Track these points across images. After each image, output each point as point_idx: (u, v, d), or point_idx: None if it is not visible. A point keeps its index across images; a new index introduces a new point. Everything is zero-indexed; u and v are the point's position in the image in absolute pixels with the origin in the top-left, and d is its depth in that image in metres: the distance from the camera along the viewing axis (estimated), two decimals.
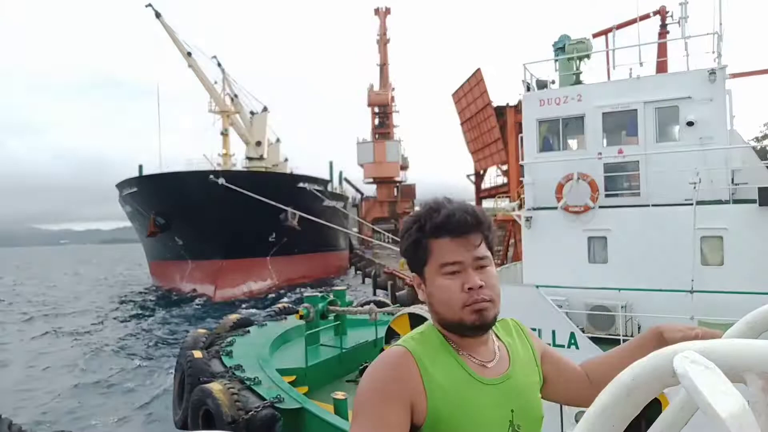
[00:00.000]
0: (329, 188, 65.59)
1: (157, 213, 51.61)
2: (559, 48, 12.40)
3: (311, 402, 11.32)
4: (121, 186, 58.94)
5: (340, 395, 11.58)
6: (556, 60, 12.22)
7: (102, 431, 17.92)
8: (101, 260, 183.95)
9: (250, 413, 10.62)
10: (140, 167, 64.61)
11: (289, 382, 12.35)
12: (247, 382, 11.67)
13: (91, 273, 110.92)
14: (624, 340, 8.76)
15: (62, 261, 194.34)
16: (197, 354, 12.90)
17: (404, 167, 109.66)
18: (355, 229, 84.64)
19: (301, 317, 15.25)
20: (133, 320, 41.54)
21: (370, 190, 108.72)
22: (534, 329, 6.88)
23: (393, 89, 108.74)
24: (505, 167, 36.93)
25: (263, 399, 11.02)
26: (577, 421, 1.88)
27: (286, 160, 77.33)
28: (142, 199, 53.68)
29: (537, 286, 9.45)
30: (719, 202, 9.86)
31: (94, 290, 68.89)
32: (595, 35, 13.09)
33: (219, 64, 67.30)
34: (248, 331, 15.60)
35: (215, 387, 11.08)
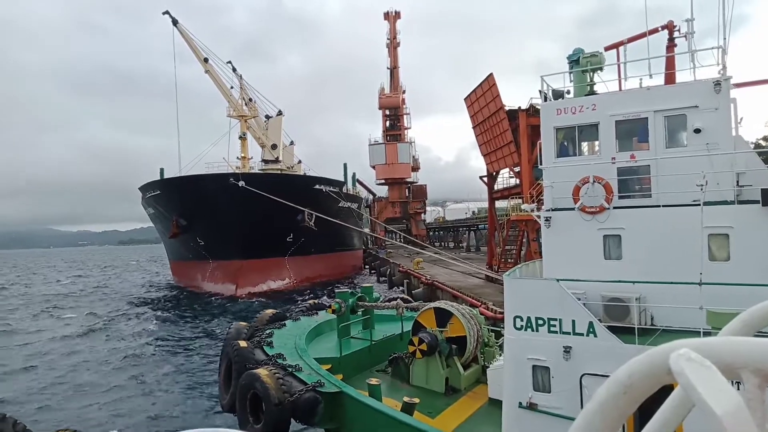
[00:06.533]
0: (344, 189, 66.67)
1: (179, 215, 53.06)
2: (574, 60, 13.31)
3: (349, 387, 12.40)
4: (144, 189, 60.43)
5: (374, 381, 12.68)
6: (570, 72, 13.14)
7: (153, 419, 19.05)
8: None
9: (295, 396, 11.73)
10: (161, 170, 66.24)
11: (326, 370, 13.42)
12: (290, 369, 12.78)
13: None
14: (638, 330, 9.69)
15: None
16: (243, 344, 14.01)
17: (415, 168, 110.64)
18: (368, 229, 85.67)
19: (334, 312, 16.36)
20: (162, 317, 43.00)
21: (382, 190, 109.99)
22: (555, 319, 7.93)
23: (404, 92, 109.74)
24: (517, 169, 37.75)
25: (305, 384, 12.13)
26: None
27: (299, 162, 78.65)
28: (165, 201, 55.12)
29: (557, 280, 10.43)
30: (725, 202, 10.68)
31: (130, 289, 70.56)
32: (607, 48, 13.94)
33: (234, 69, 68.73)
34: (284, 324, 16.73)
35: (262, 372, 12.19)
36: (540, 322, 10.36)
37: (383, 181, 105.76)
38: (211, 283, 54.19)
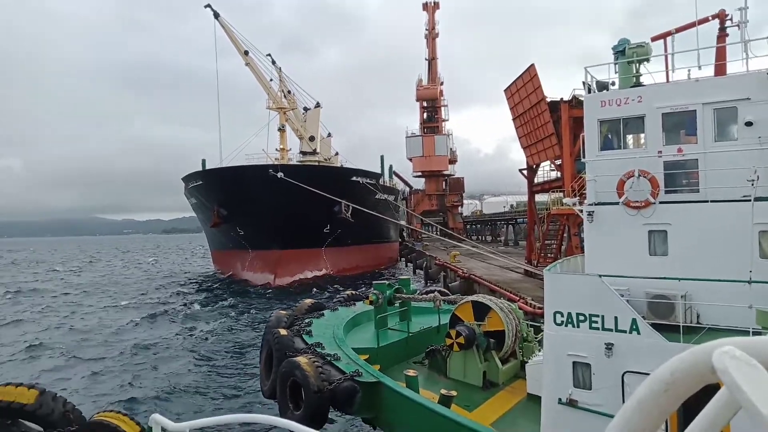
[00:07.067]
0: (381, 181, 66.89)
1: (220, 205, 54.36)
2: (619, 51, 12.97)
3: (386, 377, 12.53)
4: (186, 179, 62.10)
5: (411, 373, 12.77)
6: (616, 63, 12.82)
7: (195, 404, 19.72)
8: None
9: (334, 384, 11.93)
10: (203, 161, 67.93)
11: (364, 360, 13.59)
12: (328, 358, 12.99)
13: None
14: (683, 328, 9.47)
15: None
16: (283, 332, 14.32)
17: (453, 161, 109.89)
18: (404, 221, 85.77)
19: (371, 303, 16.52)
20: (204, 304, 44.36)
21: (419, 183, 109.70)
22: (597, 315, 7.82)
23: (442, 83, 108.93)
24: (558, 162, 37.06)
25: (344, 373, 12.31)
26: None
27: (336, 153, 79.29)
28: (206, 191, 56.52)
29: (600, 276, 10.27)
30: None
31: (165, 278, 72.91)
32: (654, 38, 13.52)
33: (273, 62, 69.65)
34: (323, 314, 17.00)
35: (302, 360, 12.43)
36: (581, 318, 10.24)
37: (420, 173, 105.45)
38: (250, 272, 55.38)
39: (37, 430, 8.94)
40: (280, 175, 47.81)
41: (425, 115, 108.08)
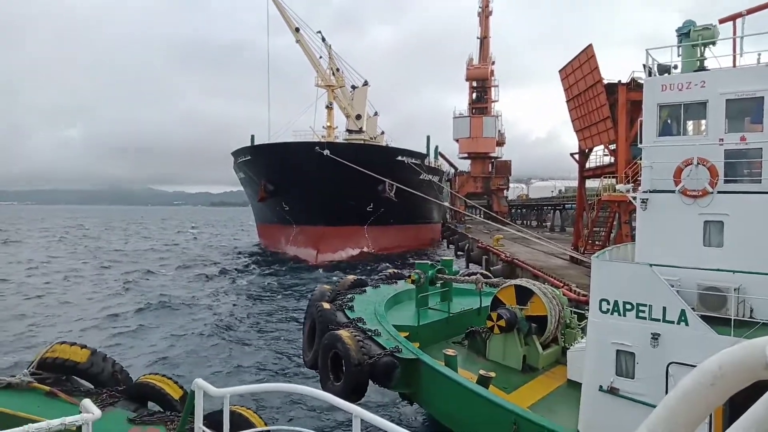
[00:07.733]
0: (426, 162, 66.52)
1: (267, 180, 55.45)
2: (684, 33, 12.40)
3: (426, 355, 12.68)
4: (236, 154, 63.48)
5: (450, 352, 12.87)
6: (679, 46, 12.26)
7: (237, 371, 20.45)
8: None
9: (374, 358, 12.18)
10: (252, 137, 69.08)
11: (404, 337, 13.78)
12: (369, 333, 13.24)
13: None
14: (735, 322, 9.16)
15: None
16: (326, 305, 14.66)
17: (500, 143, 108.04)
18: (448, 203, 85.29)
19: (413, 282, 16.65)
20: (251, 276, 45.68)
21: (465, 165, 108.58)
22: (644, 305, 7.64)
23: (493, 63, 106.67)
24: (613, 146, 35.89)
25: (384, 348, 12.54)
26: None
27: (382, 133, 79.19)
28: (254, 166, 57.68)
29: (650, 265, 10.01)
30: None
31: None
32: (722, 21, 12.84)
33: (323, 39, 69.76)
34: (365, 291, 17.27)
35: (344, 334, 12.71)
36: (628, 306, 10.05)
37: (466, 155, 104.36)
38: (294, 247, 56.50)
39: (88, 387, 9.56)
40: (326, 152, 48.26)
41: (474, 95, 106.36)
